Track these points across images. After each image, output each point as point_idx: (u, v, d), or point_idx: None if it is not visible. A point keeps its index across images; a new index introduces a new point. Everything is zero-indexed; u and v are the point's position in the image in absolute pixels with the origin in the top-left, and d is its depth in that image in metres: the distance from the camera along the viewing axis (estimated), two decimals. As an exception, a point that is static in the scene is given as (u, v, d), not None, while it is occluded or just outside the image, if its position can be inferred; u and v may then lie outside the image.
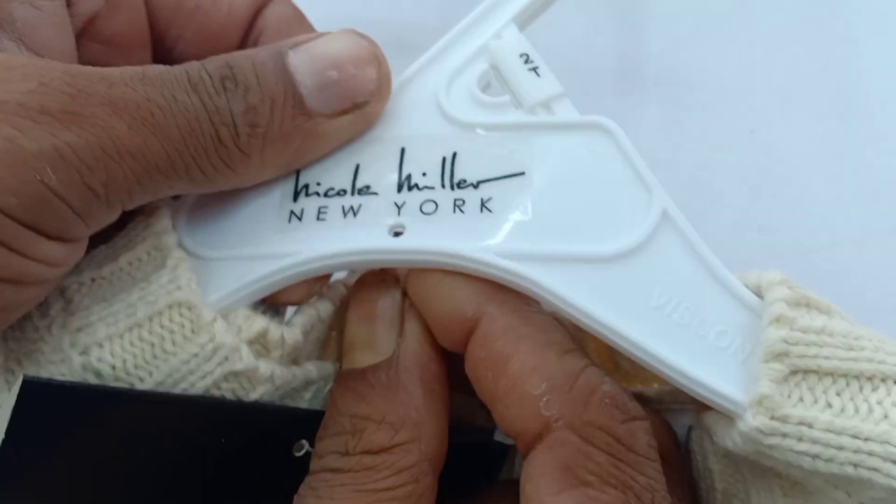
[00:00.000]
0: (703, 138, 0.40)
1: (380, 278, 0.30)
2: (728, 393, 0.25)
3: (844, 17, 0.47)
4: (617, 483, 0.24)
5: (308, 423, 0.29)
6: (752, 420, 0.24)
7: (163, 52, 0.32)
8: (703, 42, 0.48)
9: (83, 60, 0.29)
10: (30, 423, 0.24)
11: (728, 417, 0.26)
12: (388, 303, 0.29)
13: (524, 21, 0.34)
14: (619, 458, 0.25)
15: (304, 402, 0.31)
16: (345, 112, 0.29)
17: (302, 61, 0.28)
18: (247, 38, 0.33)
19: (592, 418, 0.25)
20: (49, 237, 0.24)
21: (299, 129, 0.28)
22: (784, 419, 0.24)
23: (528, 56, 0.32)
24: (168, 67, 0.26)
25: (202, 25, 0.32)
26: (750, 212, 0.28)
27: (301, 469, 0.29)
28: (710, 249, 0.27)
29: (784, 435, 0.24)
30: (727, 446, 0.26)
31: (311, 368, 0.30)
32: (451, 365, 0.29)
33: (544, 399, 0.25)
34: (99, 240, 0.29)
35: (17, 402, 0.24)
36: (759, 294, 0.27)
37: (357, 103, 0.29)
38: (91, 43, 0.29)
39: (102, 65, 0.26)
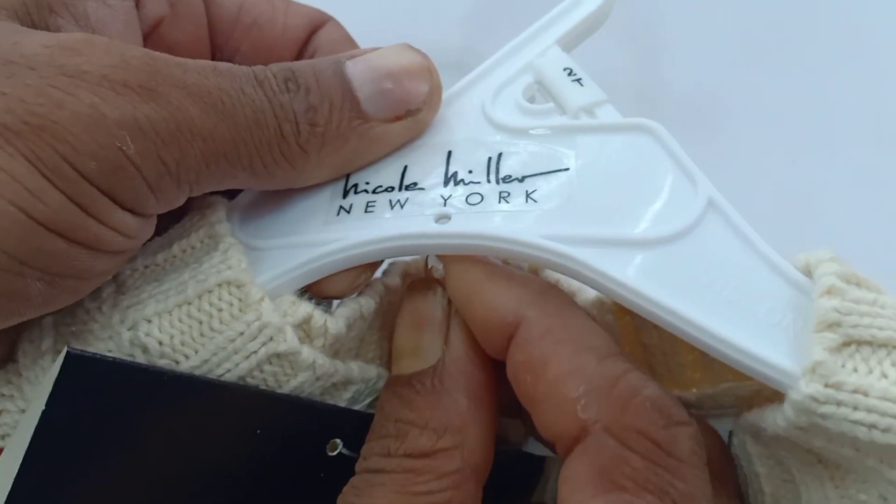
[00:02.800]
0: (741, 169, 0.41)
1: (426, 285, 0.30)
2: (780, 363, 0.24)
3: (886, 45, 0.47)
4: (654, 489, 0.24)
5: (344, 422, 0.29)
6: (806, 388, 0.24)
7: (220, 64, 0.33)
8: (739, 72, 0.49)
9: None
10: (69, 396, 0.24)
11: (777, 402, 0.25)
12: (434, 310, 0.30)
13: (567, 45, 0.35)
14: (658, 464, 0.24)
15: (344, 402, 0.31)
16: (398, 118, 0.30)
17: (359, 70, 0.29)
18: (300, 56, 0.34)
19: (631, 422, 0.24)
20: (122, 207, 0.25)
21: (355, 131, 0.29)
22: (838, 386, 0.23)
23: (571, 70, 0.33)
24: (235, 65, 0.28)
25: (257, 41, 0.33)
26: (789, 242, 0.28)
27: (333, 469, 0.28)
28: (758, 235, 0.27)
29: (839, 403, 0.23)
30: (778, 427, 0.25)
31: (353, 367, 0.30)
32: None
33: (582, 402, 0.25)
34: (156, 234, 0.29)
35: (59, 373, 0.24)
36: (808, 274, 0.26)
37: (410, 110, 0.30)
38: (153, 48, 0.31)
39: None
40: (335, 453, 0.29)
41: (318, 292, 0.30)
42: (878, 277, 0.26)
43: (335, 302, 0.31)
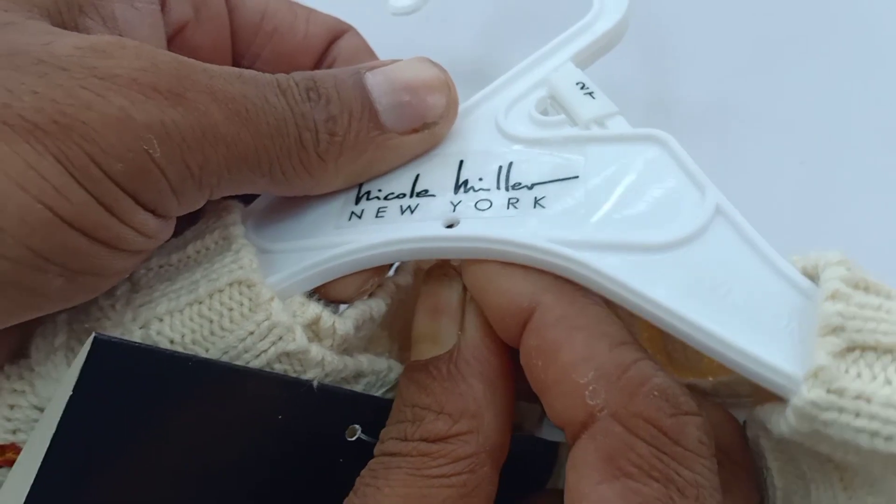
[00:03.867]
0: (752, 169, 0.41)
1: (443, 272, 0.31)
2: (783, 368, 0.24)
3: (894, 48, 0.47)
4: (659, 476, 0.24)
5: (363, 408, 0.29)
6: (808, 393, 0.23)
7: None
8: (749, 81, 0.49)
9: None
10: (96, 380, 0.25)
11: (782, 404, 0.25)
12: (450, 296, 0.30)
13: (582, 62, 0.35)
14: (664, 451, 0.24)
15: None
16: (415, 131, 0.31)
17: (379, 82, 0.30)
18: (320, 64, 0.35)
19: (639, 409, 0.25)
20: (145, 208, 0.26)
21: (372, 142, 0.30)
22: (840, 392, 0.23)
23: (584, 84, 0.33)
24: (260, 73, 0.28)
25: (278, 47, 0.34)
26: (801, 245, 0.28)
27: (352, 454, 0.29)
28: (765, 241, 0.27)
29: (841, 409, 0.23)
30: (782, 432, 0.25)
31: (363, 360, 0.31)
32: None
33: (590, 388, 0.25)
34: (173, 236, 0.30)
35: (86, 358, 0.24)
36: (815, 277, 0.26)
37: (427, 123, 0.31)
38: (177, 51, 0.32)
39: None
40: (354, 438, 0.29)
41: (326, 296, 0.30)
42: (888, 278, 0.26)
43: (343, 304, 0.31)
